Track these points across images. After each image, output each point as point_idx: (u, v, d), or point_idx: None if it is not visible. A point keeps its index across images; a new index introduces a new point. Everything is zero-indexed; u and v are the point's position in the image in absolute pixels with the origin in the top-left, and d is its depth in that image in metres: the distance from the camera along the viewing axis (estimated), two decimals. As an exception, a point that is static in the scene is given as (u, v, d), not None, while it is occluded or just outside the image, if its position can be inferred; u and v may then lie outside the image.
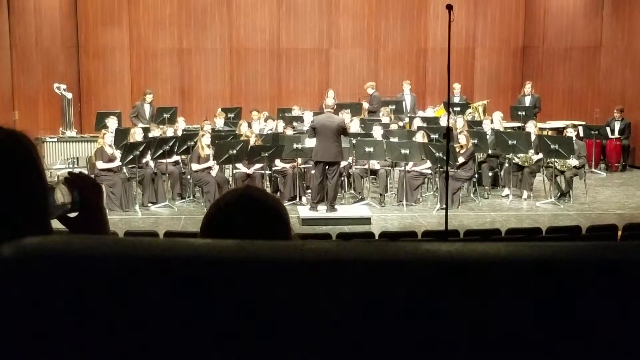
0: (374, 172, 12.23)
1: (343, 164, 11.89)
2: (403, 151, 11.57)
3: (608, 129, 15.17)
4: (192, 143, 12.00)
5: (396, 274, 0.61)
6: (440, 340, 0.60)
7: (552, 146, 11.79)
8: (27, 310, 0.60)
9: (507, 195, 12.30)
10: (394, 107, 15.37)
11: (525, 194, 12.24)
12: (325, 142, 10.80)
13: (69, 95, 14.93)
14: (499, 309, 0.60)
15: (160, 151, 11.59)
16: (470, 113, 15.08)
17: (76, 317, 0.60)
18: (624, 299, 0.60)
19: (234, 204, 1.66)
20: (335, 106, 11.86)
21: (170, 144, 11.76)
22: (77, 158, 14.18)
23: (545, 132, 14.51)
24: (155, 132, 12.72)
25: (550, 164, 12.07)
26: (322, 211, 11.04)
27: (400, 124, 14.36)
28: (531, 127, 12.83)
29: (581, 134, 14.13)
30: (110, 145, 11.65)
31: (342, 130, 10.92)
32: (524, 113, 14.94)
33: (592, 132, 14.91)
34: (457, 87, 15.84)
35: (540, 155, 12.21)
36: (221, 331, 0.60)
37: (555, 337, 0.60)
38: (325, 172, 10.99)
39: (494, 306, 0.60)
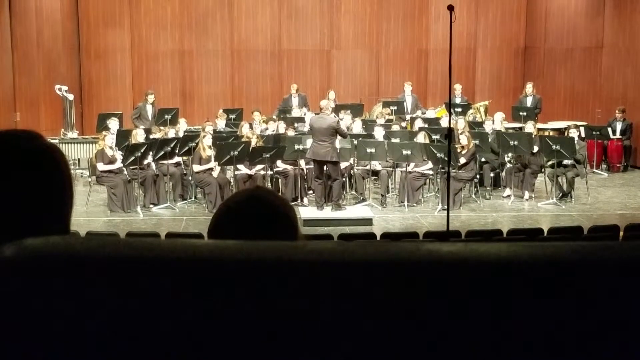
0: (375, 173, 12.23)
1: (345, 164, 11.92)
2: (404, 152, 11.57)
3: (609, 129, 15.15)
4: (194, 144, 12.00)
5: (397, 274, 0.61)
6: (442, 339, 0.60)
7: (554, 147, 11.80)
8: (27, 310, 0.60)
9: (508, 196, 12.30)
10: (395, 107, 15.38)
11: (526, 194, 12.23)
12: (316, 142, 10.95)
13: (71, 97, 14.95)
14: (500, 309, 0.60)
15: (162, 152, 11.59)
16: (471, 114, 15.08)
17: (76, 317, 0.60)
18: (626, 299, 0.60)
19: (242, 205, 1.66)
20: (330, 107, 11.86)
21: (172, 145, 11.76)
22: (79, 159, 14.20)
23: (547, 133, 14.52)
24: (157, 135, 12.72)
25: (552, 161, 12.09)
26: (327, 211, 11.09)
27: (403, 124, 14.38)
28: (530, 127, 12.82)
29: (583, 135, 14.12)
30: (110, 147, 11.65)
31: (334, 131, 10.92)
32: (525, 114, 14.93)
33: (594, 132, 14.90)
34: (458, 88, 15.83)
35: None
36: (222, 331, 0.60)
37: (557, 337, 0.60)
38: (322, 172, 11.06)
39: (496, 306, 0.60)
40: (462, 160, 11.69)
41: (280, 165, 12.02)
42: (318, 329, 0.60)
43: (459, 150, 11.67)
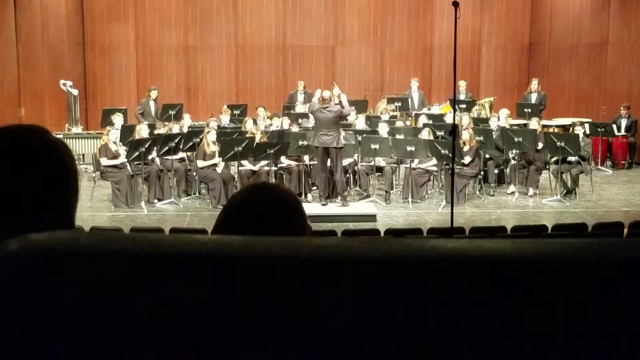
0: (379, 169, 12.22)
1: (349, 160, 11.93)
2: (409, 148, 11.56)
3: (614, 126, 15.11)
4: (198, 140, 12.01)
5: (402, 271, 0.61)
6: (444, 338, 0.60)
7: (558, 143, 11.78)
8: (31, 305, 0.61)
9: (512, 193, 12.28)
10: (399, 104, 15.36)
11: (531, 191, 12.22)
12: (321, 131, 11.12)
13: (75, 92, 14.97)
14: (504, 305, 0.60)
15: (166, 148, 11.60)
16: (477, 110, 15.07)
17: (80, 313, 0.61)
18: (630, 297, 0.60)
19: (252, 200, 1.64)
20: (332, 99, 11.89)
21: (176, 140, 11.77)
22: (83, 155, 14.22)
23: (551, 130, 14.50)
24: (161, 130, 12.73)
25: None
26: (331, 207, 11.11)
27: (407, 122, 14.37)
28: (534, 124, 12.81)
29: (587, 131, 14.10)
30: (114, 142, 11.67)
31: (339, 119, 11.19)
32: (530, 110, 14.91)
33: (599, 129, 14.86)
34: (462, 84, 15.82)
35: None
36: (224, 328, 0.60)
37: (561, 335, 0.60)
38: (326, 162, 11.10)
39: (500, 303, 0.60)
40: (467, 159, 11.67)
41: (284, 161, 12.02)
42: (321, 326, 0.60)
43: (461, 146, 11.66)
